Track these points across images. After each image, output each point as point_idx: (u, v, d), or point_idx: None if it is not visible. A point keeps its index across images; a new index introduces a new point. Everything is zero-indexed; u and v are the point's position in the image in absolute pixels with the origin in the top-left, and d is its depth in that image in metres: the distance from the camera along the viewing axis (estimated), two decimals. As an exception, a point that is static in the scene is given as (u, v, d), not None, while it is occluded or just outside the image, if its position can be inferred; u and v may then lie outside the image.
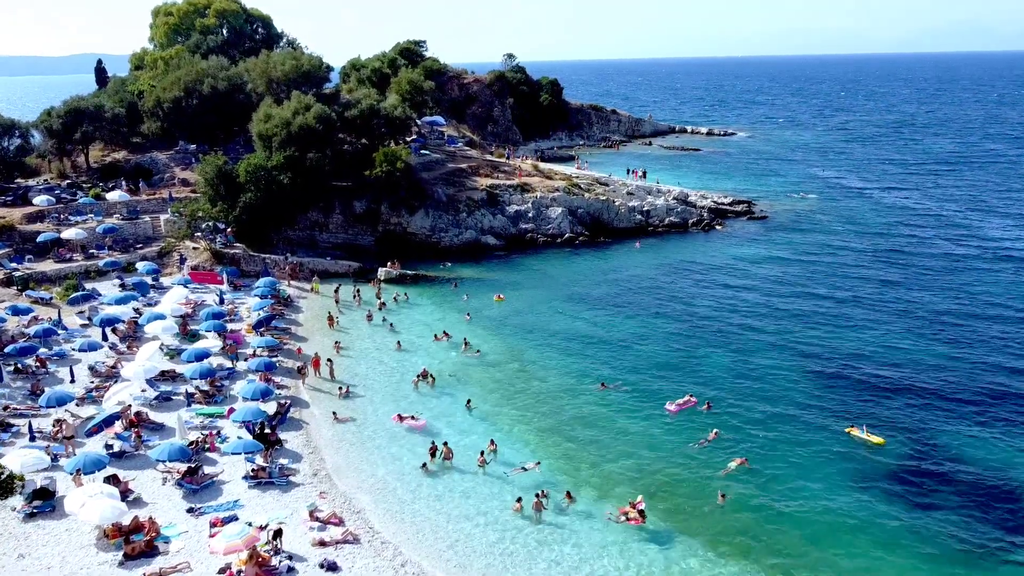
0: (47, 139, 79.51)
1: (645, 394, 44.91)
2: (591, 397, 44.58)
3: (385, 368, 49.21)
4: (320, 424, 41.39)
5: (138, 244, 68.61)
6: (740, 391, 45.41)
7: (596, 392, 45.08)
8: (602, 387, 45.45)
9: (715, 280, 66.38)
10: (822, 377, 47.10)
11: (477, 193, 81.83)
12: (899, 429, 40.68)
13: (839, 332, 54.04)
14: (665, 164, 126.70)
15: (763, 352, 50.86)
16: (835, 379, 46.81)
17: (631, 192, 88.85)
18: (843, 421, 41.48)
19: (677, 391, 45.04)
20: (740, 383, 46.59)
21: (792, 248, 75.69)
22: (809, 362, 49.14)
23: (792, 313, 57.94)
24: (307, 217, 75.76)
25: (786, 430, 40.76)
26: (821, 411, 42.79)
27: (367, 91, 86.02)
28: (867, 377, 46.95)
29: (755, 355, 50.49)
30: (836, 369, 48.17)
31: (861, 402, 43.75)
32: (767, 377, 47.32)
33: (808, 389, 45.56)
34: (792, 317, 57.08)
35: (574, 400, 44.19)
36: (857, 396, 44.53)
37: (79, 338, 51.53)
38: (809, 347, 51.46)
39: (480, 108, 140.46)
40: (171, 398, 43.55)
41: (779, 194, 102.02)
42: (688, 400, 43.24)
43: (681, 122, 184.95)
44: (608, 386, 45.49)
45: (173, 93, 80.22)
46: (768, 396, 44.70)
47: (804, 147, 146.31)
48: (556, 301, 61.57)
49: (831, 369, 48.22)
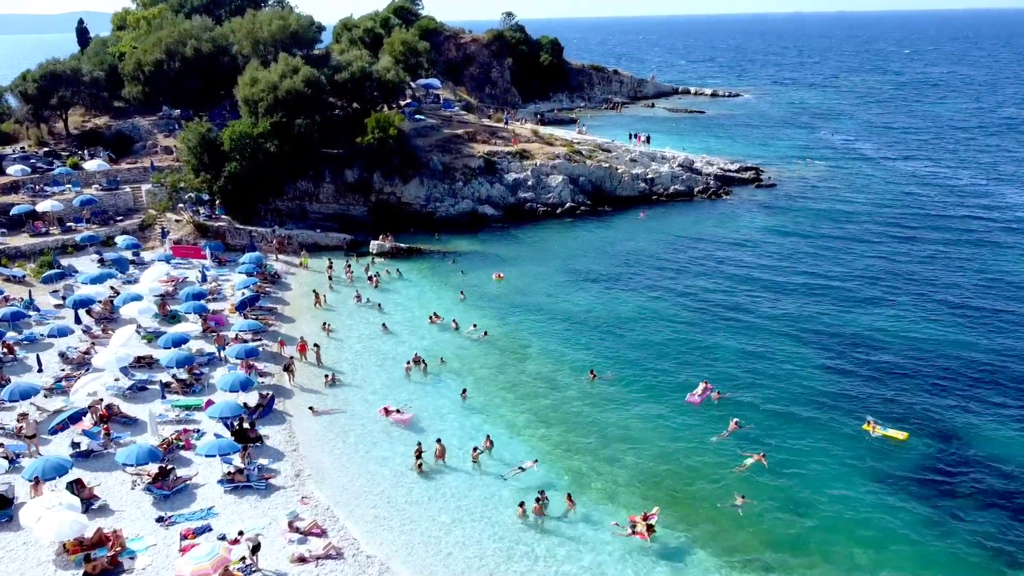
0: (23, 104, 75.80)
1: (651, 382, 42.20)
2: (593, 386, 41.86)
3: (376, 353, 46.44)
4: (305, 416, 38.72)
5: (118, 216, 65.52)
6: (751, 378, 42.69)
7: (599, 381, 42.33)
8: (592, 376, 42.45)
9: (722, 254, 63.35)
10: (837, 361, 44.36)
11: (474, 161, 78.37)
12: (922, 420, 38.06)
13: (853, 311, 51.21)
14: (669, 127, 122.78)
15: (773, 334, 48.06)
16: (851, 364, 44.06)
17: (634, 159, 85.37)
18: (862, 411, 38.88)
19: (686, 379, 42.36)
20: (751, 369, 43.86)
21: (802, 220, 72.48)
22: (823, 345, 46.37)
23: (803, 291, 55.06)
24: (296, 187, 72.45)
25: (803, 422, 38.12)
26: (838, 399, 40.12)
27: (359, 53, 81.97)
28: (885, 362, 44.24)
29: (765, 337, 47.72)
30: (851, 353, 45.42)
31: (879, 390, 41.05)
32: (779, 362, 44.58)
33: (823, 375, 42.84)
34: (803, 295, 54.20)
35: (575, 389, 41.45)
36: (875, 383, 41.82)
37: (53, 320, 48.80)
38: (822, 329, 48.66)
39: (478, 69, 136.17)
40: (147, 387, 40.84)
41: (787, 160, 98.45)
42: (706, 389, 40.39)
43: (685, 83, 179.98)
44: (597, 375, 42.52)
45: (154, 56, 76.26)
46: (781, 384, 41.99)
47: (813, 109, 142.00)
48: (556, 277, 58.64)
49: (846, 353, 45.46)
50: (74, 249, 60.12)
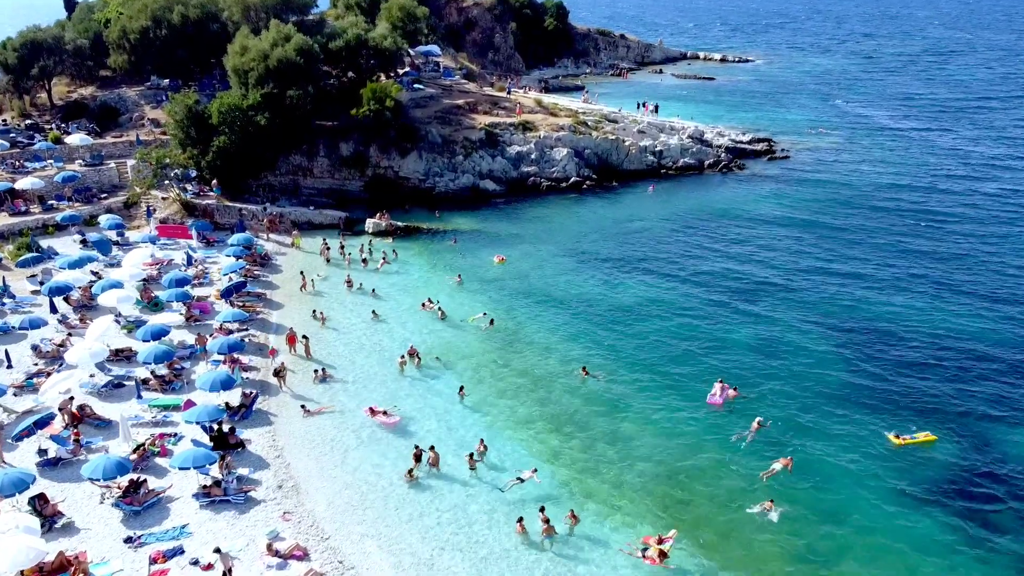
0: (2, 75, 72.53)
1: (660, 378, 39.56)
2: (597, 384, 39.21)
3: (369, 344, 43.79)
4: (290, 416, 36.27)
5: (102, 194, 62.61)
6: (767, 372, 40.07)
7: (592, 379, 39.58)
8: (584, 373, 39.54)
9: (733, 235, 60.29)
10: (858, 353, 41.66)
11: (475, 133, 75.02)
12: (950, 419, 35.58)
13: (873, 297, 48.40)
14: (677, 95, 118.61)
15: (788, 322, 45.31)
16: (873, 355, 41.39)
17: (642, 130, 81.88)
18: (887, 407, 36.43)
19: (698, 374, 39.76)
20: (766, 362, 41.21)
21: (817, 196, 69.15)
22: (842, 335, 43.64)
23: (818, 275, 52.16)
24: (289, 161, 69.34)
25: (826, 420, 35.63)
26: (862, 395, 37.60)
27: (354, 19, 78.28)
28: (908, 353, 41.54)
29: (779, 326, 45.00)
30: (873, 343, 42.71)
31: (904, 384, 38.46)
32: (796, 354, 41.90)
33: (844, 368, 40.19)
34: (818, 280, 51.31)
35: (580, 387, 38.78)
36: (899, 376, 39.22)
37: (29, 307, 46.24)
38: (841, 316, 45.90)
39: (480, 34, 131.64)
40: (124, 384, 38.33)
41: (799, 130, 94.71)
42: (723, 388, 37.59)
43: (694, 48, 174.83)
44: (590, 373, 39.54)
45: (140, 23, 72.69)
46: (800, 379, 39.38)
47: (826, 76, 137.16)
48: (560, 260, 55.76)
49: (868, 343, 42.76)
50: (55, 229, 57.36)
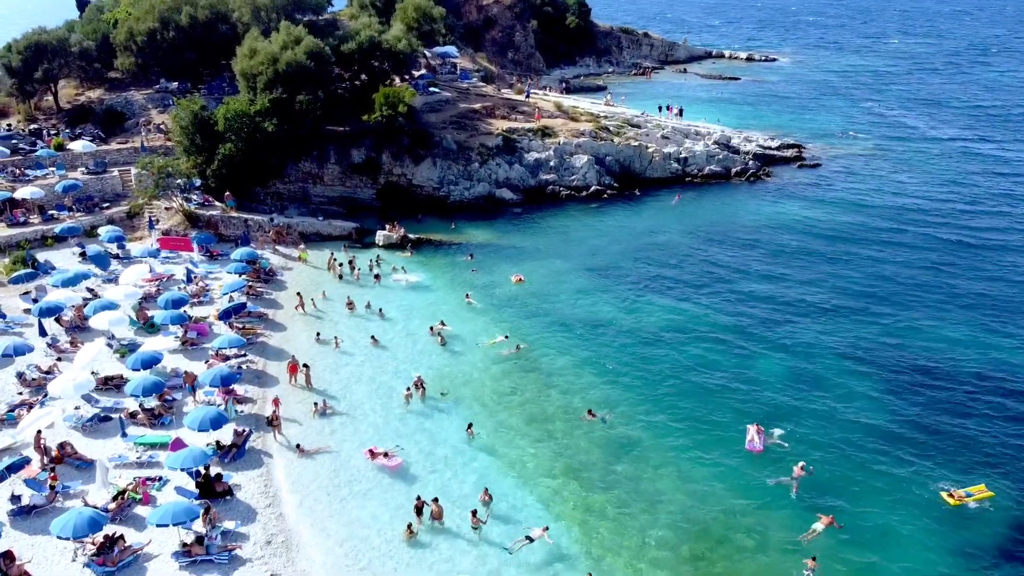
0: (7, 78, 70.65)
1: (686, 419, 36.54)
2: (619, 422, 36.31)
3: (373, 372, 41.08)
4: (285, 456, 33.69)
5: (104, 203, 60.35)
6: (803, 411, 36.99)
7: (626, 416, 36.71)
8: (590, 416, 36.20)
9: (762, 250, 57.00)
10: (904, 388, 38.49)
11: (491, 139, 72.18)
12: (1007, 469, 32.35)
13: (916, 324, 45.08)
14: (701, 96, 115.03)
15: (824, 354, 42.09)
16: (920, 390, 38.22)
17: (666, 136, 78.60)
18: (938, 453, 33.33)
19: (727, 411, 36.76)
20: (802, 398, 38.13)
21: (850, 209, 65.52)
22: (885, 367, 40.41)
23: (855, 296, 48.85)
24: (299, 168, 66.86)
25: (871, 472, 32.54)
26: (908, 440, 34.48)
27: (367, 20, 75.60)
28: (957, 393, 38.25)
29: (814, 357, 41.80)
30: (920, 376, 39.49)
31: (955, 430, 35.24)
32: (835, 389, 38.79)
33: (889, 406, 37.03)
34: (856, 302, 47.99)
35: (597, 428, 35.79)
36: (949, 420, 35.98)
37: (19, 328, 44.01)
38: (882, 346, 42.64)
39: (500, 33, 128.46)
40: (111, 417, 35.93)
41: (828, 134, 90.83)
42: (759, 431, 34.37)
43: (719, 46, 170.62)
44: (596, 415, 36.29)
45: (147, 24, 70.49)
46: (841, 418, 36.29)
47: (856, 76, 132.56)
48: (579, 278, 52.80)
49: (914, 376, 39.54)
50: (54, 241, 55.21)
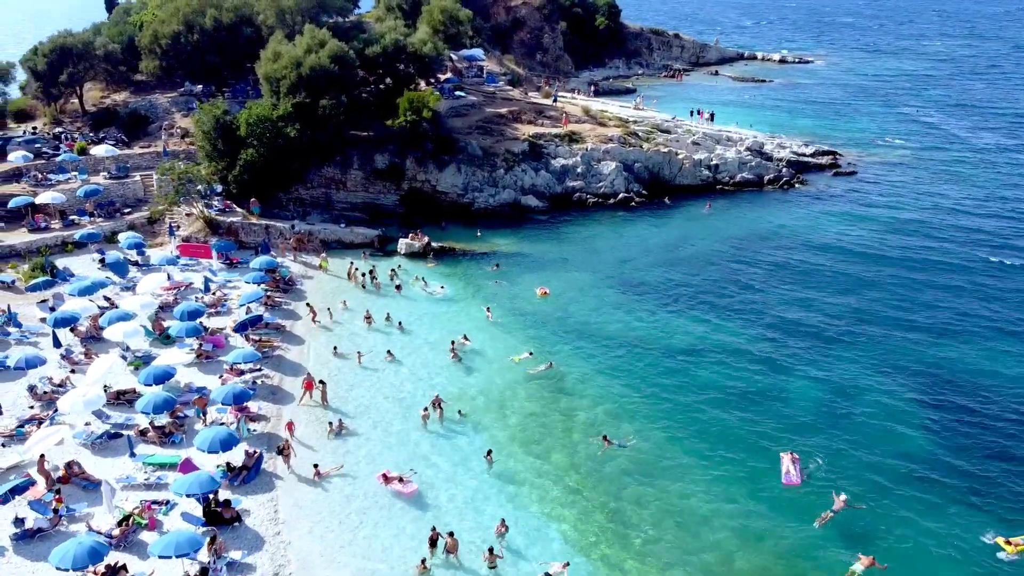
0: (33, 81, 70.54)
1: (720, 443, 34.83)
2: (645, 448, 34.70)
3: (391, 389, 39.80)
4: (296, 480, 32.50)
5: (126, 208, 59.84)
6: (840, 440, 35.09)
7: (653, 443, 35.08)
8: (606, 443, 34.42)
9: (797, 264, 54.97)
10: (946, 415, 36.52)
11: (517, 144, 70.72)
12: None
13: (960, 346, 42.94)
14: (733, 99, 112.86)
15: (863, 376, 40.12)
16: (964, 418, 36.21)
17: (697, 142, 76.61)
18: (985, 491, 31.38)
19: (761, 437, 35.00)
20: (838, 424, 36.27)
21: (890, 219, 63.21)
22: (927, 392, 38.42)
23: (896, 317, 46.70)
24: (321, 173, 65.83)
25: (915, 510, 30.64)
26: (955, 474, 32.54)
27: (392, 23, 74.53)
28: (1009, 424, 36.10)
29: (852, 379, 39.89)
30: (964, 402, 37.46)
31: (1008, 466, 33.14)
32: (874, 415, 36.84)
33: (933, 439, 35.01)
34: (896, 323, 45.87)
35: (623, 455, 34.24)
36: (1000, 454, 33.90)
37: (35, 338, 43.37)
38: (924, 369, 40.60)
39: (528, 34, 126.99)
40: (121, 433, 35.02)
41: (864, 140, 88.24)
42: (794, 460, 32.64)
43: (752, 47, 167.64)
44: (613, 441, 34.54)
45: (171, 27, 69.98)
46: (880, 448, 34.38)
47: (894, 79, 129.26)
48: (606, 290, 51.18)
49: (958, 403, 37.53)
50: (74, 247, 54.70)
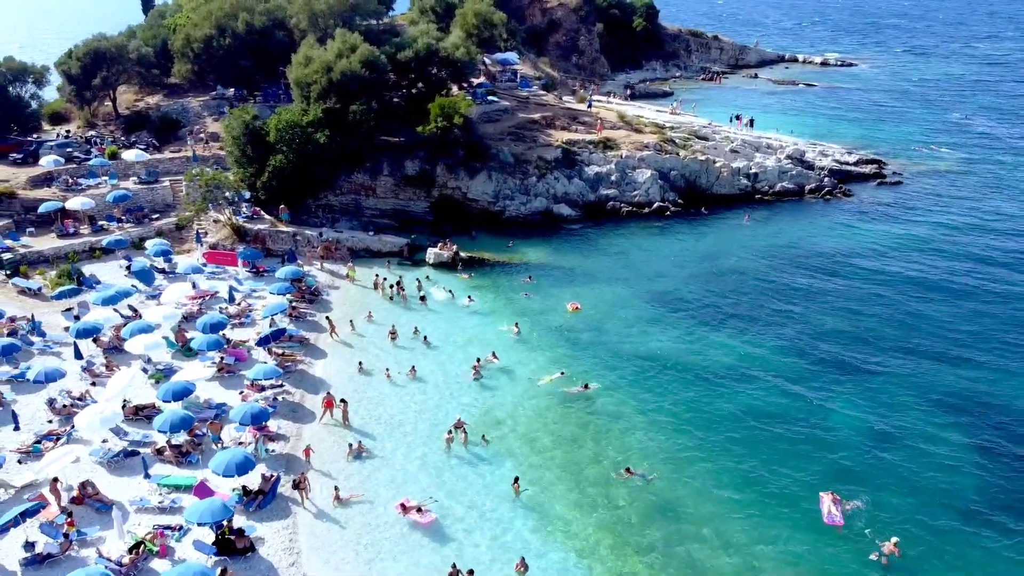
0: (67, 84, 70.69)
1: (755, 480, 33.01)
2: (675, 481, 33.02)
3: (414, 408, 38.57)
4: (316, 506, 31.36)
5: (155, 214, 59.48)
6: (886, 474, 33.09)
7: (686, 475, 33.37)
8: (627, 474, 32.84)
9: (839, 281, 52.71)
10: (1007, 457, 34.16)
11: (550, 151, 69.23)
12: None
13: (1013, 383, 40.37)
14: (773, 104, 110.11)
15: (911, 411, 37.84)
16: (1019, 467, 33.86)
17: (735, 150, 74.43)
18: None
19: (795, 470, 33.13)
20: (882, 459, 34.22)
21: (939, 235, 60.49)
22: (983, 428, 36.13)
23: (947, 342, 44.28)
24: (351, 179, 64.97)
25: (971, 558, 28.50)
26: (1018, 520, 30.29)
27: (425, 27, 73.45)
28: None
29: (898, 407, 37.80)
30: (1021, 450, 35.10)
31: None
32: (924, 451, 34.67)
33: (989, 476, 32.81)
34: (947, 349, 43.46)
35: (654, 488, 32.54)
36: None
37: (58, 348, 42.90)
38: (980, 402, 38.24)
39: (564, 36, 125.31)
40: (138, 451, 34.24)
41: (910, 147, 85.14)
42: (835, 501, 30.74)
43: (793, 50, 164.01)
44: (635, 472, 32.90)
45: (203, 31, 69.63)
46: (931, 487, 32.31)
47: (941, 84, 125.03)
48: (639, 305, 49.47)
49: (1016, 436, 35.19)
50: (101, 253, 54.38)
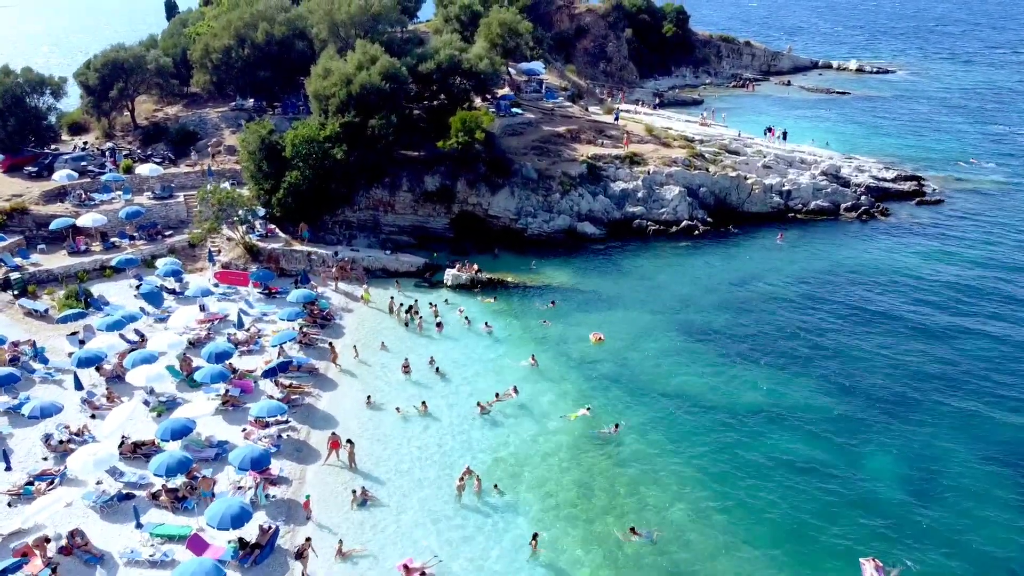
0: (85, 96, 69.74)
1: (786, 538, 30.56)
2: (705, 537, 30.66)
3: (425, 449, 36.57)
4: (313, 560, 29.43)
5: (168, 231, 58.05)
6: (932, 533, 30.46)
7: (715, 524, 31.03)
8: (633, 535, 30.32)
9: (880, 310, 49.86)
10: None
11: (575, 167, 66.94)
12: None
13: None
14: (807, 113, 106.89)
15: (959, 457, 35.21)
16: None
17: (768, 165, 71.62)
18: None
19: (829, 525, 30.62)
20: (928, 518, 31.55)
21: (986, 259, 57.27)
22: (1035, 482, 33.39)
23: (998, 384, 41.39)
24: (369, 195, 63.17)
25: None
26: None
27: (448, 37, 71.42)
28: None
29: (947, 462, 35.05)
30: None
31: None
32: (971, 508, 31.98)
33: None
34: (999, 391, 40.61)
35: (679, 547, 30.27)
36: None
37: (60, 376, 41.44)
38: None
39: (592, 43, 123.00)
40: (134, 494, 32.60)
41: (949, 161, 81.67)
42: (879, 568, 28.32)
43: (827, 55, 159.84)
44: (640, 533, 30.40)
45: (222, 41, 68.25)
46: (981, 549, 29.61)
47: (984, 93, 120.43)
48: (666, 335, 47.03)
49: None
50: (112, 271, 53.07)
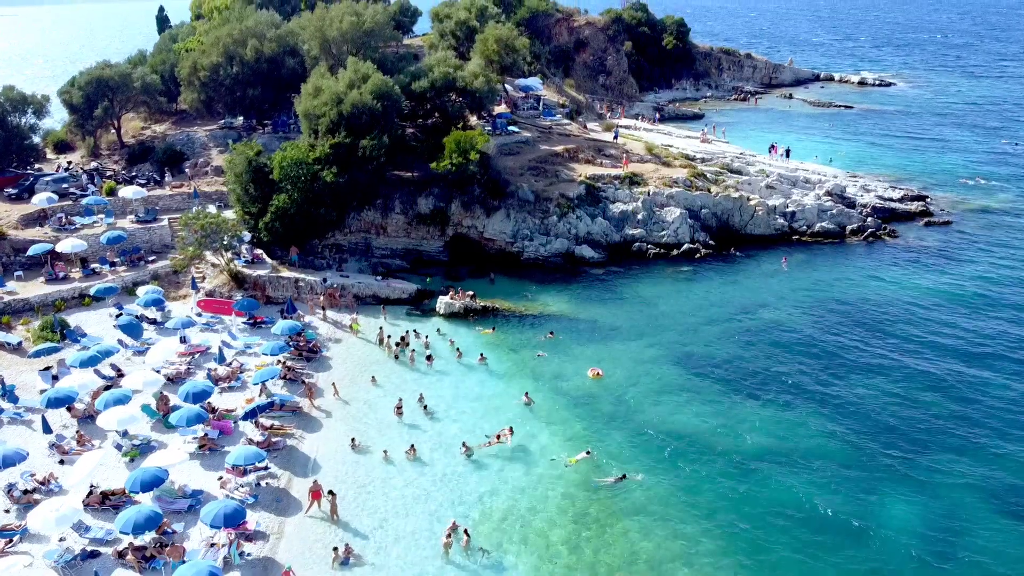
0: (69, 114, 67.92)
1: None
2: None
3: (411, 500, 34.47)
4: (291, 629, 27.40)
5: (151, 256, 56.01)
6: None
7: None
8: None
9: (890, 339, 47.84)
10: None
11: (573, 188, 65.01)
12: None
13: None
14: (809, 127, 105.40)
15: (978, 509, 33.08)
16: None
17: (771, 186, 69.70)
18: None
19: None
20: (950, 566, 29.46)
21: (999, 285, 55.29)
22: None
23: (1015, 418, 39.35)
24: (361, 217, 61.26)
25: None
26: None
27: (443, 55, 69.61)
28: None
29: (964, 515, 32.88)
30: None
31: None
32: (992, 567, 29.88)
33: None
34: (1017, 428, 38.55)
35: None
36: None
37: (29, 416, 39.40)
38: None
39: (591, 56, 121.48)
40: (100, 552, 30.52)
41: (955, 178, 79.95)
42: None
43: (828, 67, 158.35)
44: None
45: (211, 58, 66.39)
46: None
47: (991, 107, 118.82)
48: (667, 368, 44.96)
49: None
50: (91, 300, 51.06)
